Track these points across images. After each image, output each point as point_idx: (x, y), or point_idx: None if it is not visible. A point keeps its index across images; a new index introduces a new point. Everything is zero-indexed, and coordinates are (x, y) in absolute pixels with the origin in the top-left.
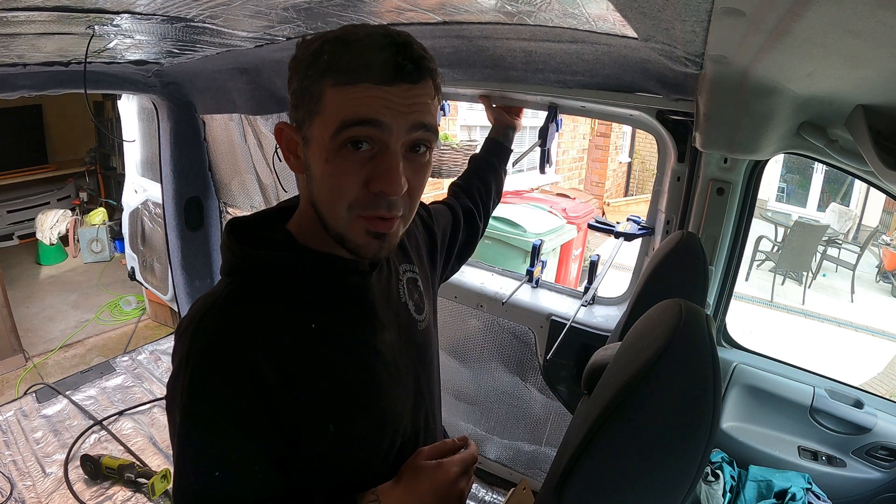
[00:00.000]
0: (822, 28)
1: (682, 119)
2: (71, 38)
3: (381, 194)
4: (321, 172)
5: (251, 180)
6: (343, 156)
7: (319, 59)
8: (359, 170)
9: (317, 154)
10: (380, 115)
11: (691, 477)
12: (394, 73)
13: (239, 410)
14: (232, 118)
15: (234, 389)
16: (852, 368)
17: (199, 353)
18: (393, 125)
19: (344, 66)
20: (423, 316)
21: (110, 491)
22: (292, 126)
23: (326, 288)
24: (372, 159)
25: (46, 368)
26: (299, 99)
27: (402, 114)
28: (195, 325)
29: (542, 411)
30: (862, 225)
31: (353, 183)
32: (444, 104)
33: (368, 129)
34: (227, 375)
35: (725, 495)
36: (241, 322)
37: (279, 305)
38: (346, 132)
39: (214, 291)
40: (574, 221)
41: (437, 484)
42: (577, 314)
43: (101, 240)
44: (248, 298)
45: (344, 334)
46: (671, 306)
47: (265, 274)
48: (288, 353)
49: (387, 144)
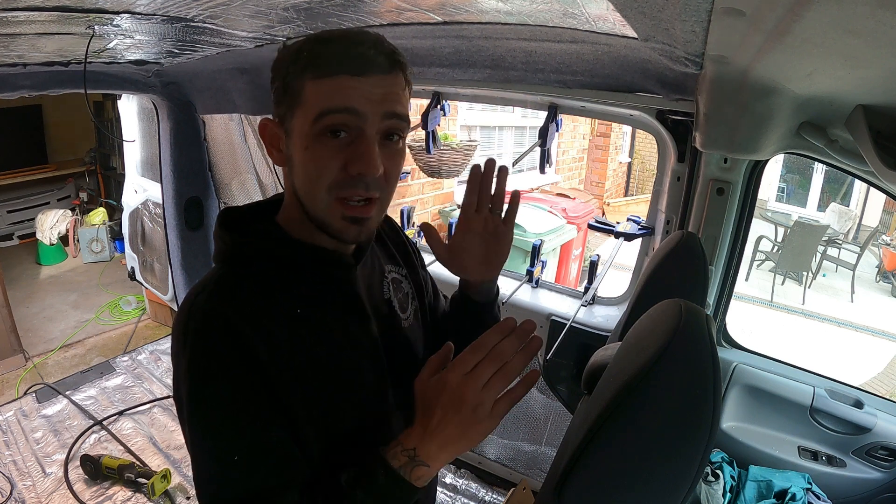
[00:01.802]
0: (822, 28)
1: (682, 119)
2: (71, 38)
3: (358, 176)
4: (301, 160)
5: (251, 180)
6: (322, 143)
7: (300, 57)
8: (337, 155)
9: (297, 143)
10: (356, 103)
11: (691, 477)
12: (367, 65)
13: (242, 380)
14: (232, 118)
15: (233, 359)
16: (852, 368)
17: (195, 332)
18: (368, 113)
19: (322, 60)
20: (407, 314)
21: (110, 491)
22: (275, 121)
23: (312, 277)
24: (349, 145)
25: (46, 368)
26: (281, 95)
27: (376, 102)
28: (189, 306)
29: (542, 411)
30: (862, 225)
31: (332, 167)
32: (445, 104)
33: (345, 116)
34: (224, 347)
35: (725, 495)
36: (231, 301)
37: (266, 292)
38: (324, 119)
39: (205, 278)
40: (574, 221)
41: (448, 408)
42: (577, 314)
43: (101, 240)
44: (237, 283)
45: (328, 322)
46: (671, 306)
47: (253, 262)
48: (275, 335)
49: (362, 130)
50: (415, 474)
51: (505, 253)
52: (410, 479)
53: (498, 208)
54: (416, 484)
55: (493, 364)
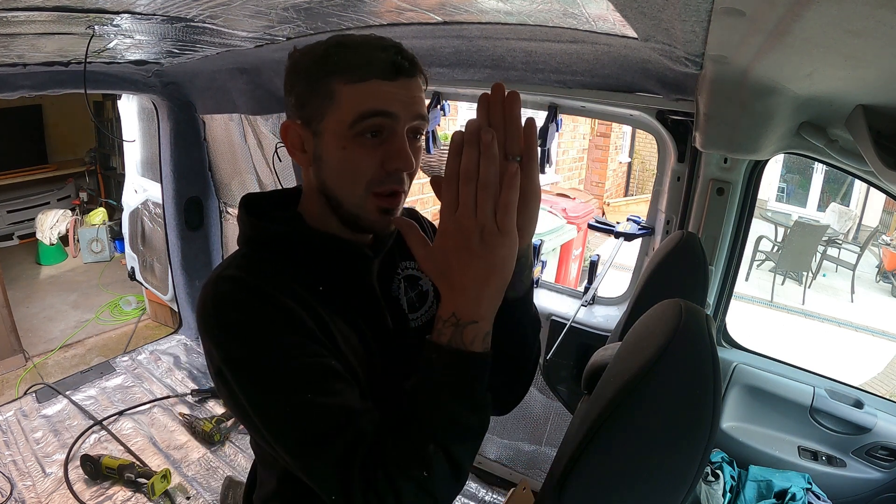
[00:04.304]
0: (822, 28)
1: (682, 119)
2: (71, 38)
3: (395, 171)
4: (339, 158)
5: (251, 180)
6: (360, 143)
7: (328, 61)
8: (373, 153)
9: (332, 143)
10: (391, 106)
11: (691, 477)
12: (397, 70)
13: (280, 320)
14: (232, 118)
15: (267, 311)
16: (852, 368)
17: (222, 297)
18: (400, 114)
19: (352, 65)
20: (418, 314)
21: (110, 491)
22: (298, 123)
23: (332, 266)
24: (381, 144)
25: (46, 368)
26: (307, 98)
27: (406, 104)
28: (215, 279)
29: (542, 411)
30: (862, 225)
31: (370, 164)
32: (445, 104)
33: (383, 119)
34: (258, 301)
35: (725, 495)
36: (258, 274)
37: (289, 272)
38: (364, 122)
39: (228, 258)
40: (574, 221)
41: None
42: (577, 314)
43: (101, 240)
44: (261, 259)
45: (345, 306)
46: (671, 306)
47: (275, 245)
48: (303, 301)
49: (395, 130)
50: (467, 337)
51: (533, 214)
52: (465, 345)
53: (514, 151)
54: (475, 348)
55: (468, 186)
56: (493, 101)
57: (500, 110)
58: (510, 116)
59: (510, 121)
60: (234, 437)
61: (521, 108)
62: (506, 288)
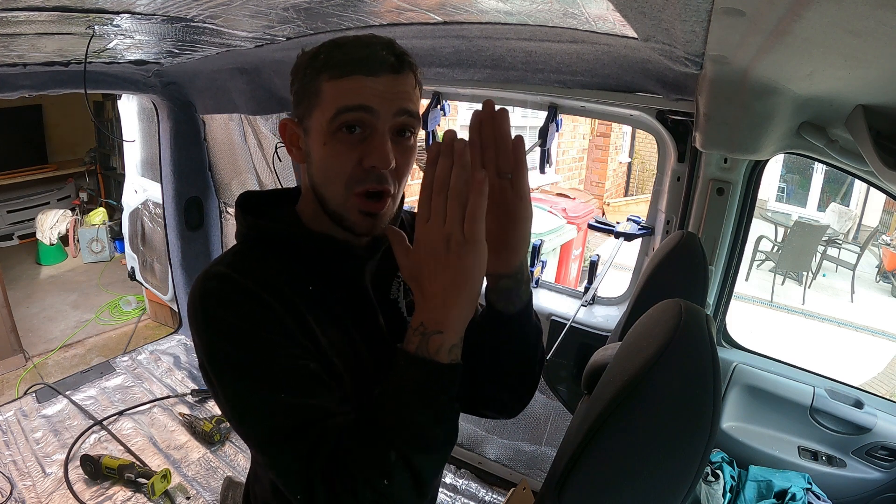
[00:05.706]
0: (822, 28)
1: (682, 119)
2: (71, 38)
3: (372, 169)
4: (320, 155)
5: (251, 180)
6: (338, 139)
7: (317, 60)
8: (352, 150)
9: (316, 140)
10: (370, 101)
11: (691, 477)
12: (380, 65)
13: (267, 324)
14: (232, 118)
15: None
16: (852, 368)
17: (209, 292)
18: (381, 110)
19: (338, 62)
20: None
21: (110, 491)
22: (294, 121)
23: (324, 266)
24: (363, 141)
25: (46, 368)
26: (301, 97)
27: (389, 100)
28: (203, 275)
29: (542, 411)
30: (862, 225)
31: (348, 161)
32: (445, 104)
33: (361, 114)
34: (243, 298)
35: (725, 495)
36: (248, 272)
37: (280, 268)
38: (341, 117)
39: (224, 253)
40: (574, 221)
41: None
42: (577, 314)
43: (101, 240)
44: (252, 256)
45: (337, 307)
46: (671, 306)
47: (268, 243)
48: (289, 302)
49: (376, 127)
50: (432, 347)
51: (525, 233)
52: (430, 354)
53: (505, 168)
54: (440, 358)
55: (440, 195)
56: (485, 119)
57: (491, 126)
58: (499, 134)
59: (500, 138)
60: (234, 437)
61: (510, 124)
62: (477, 298)
